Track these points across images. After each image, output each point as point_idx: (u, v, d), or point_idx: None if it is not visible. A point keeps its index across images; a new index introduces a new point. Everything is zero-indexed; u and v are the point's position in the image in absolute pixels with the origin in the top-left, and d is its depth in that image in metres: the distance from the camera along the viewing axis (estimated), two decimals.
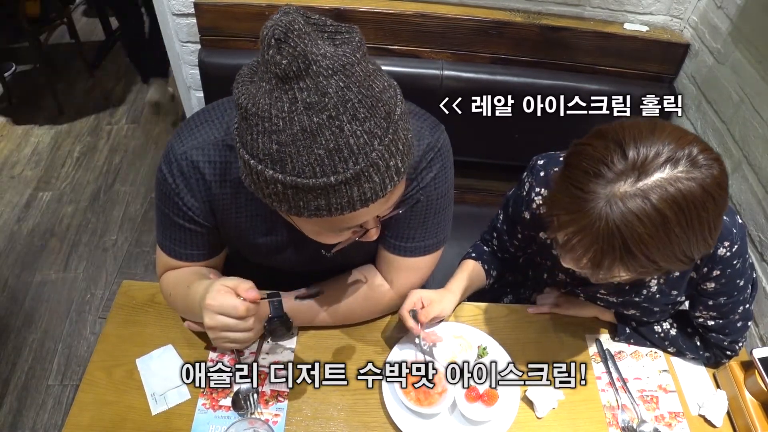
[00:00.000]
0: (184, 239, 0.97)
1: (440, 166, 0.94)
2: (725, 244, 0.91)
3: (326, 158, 0.63)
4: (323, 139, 0.62)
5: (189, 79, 1.97)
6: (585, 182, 0.72)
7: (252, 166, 0.68)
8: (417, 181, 0.94)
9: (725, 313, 1.00)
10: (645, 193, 0.68)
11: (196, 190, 0.90)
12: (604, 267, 0.74)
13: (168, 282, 1.03)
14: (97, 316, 2.11)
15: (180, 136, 0.90)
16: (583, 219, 0.72)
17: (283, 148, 0.64)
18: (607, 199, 0.70)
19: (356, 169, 0.64)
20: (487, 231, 1.24)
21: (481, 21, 1.64)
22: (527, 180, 1.06)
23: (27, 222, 2.46)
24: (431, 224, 0.99)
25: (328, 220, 0.71)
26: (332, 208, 0.68)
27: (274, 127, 0.63)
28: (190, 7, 1.68)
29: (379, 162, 0.66)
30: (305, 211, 0.68)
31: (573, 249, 0.76)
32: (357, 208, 0.68)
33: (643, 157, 0.70)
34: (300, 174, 0.64)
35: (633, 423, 1.00)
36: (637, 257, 0.72)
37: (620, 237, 0.70)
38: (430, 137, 0.92)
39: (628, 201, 0.69)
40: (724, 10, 1.51)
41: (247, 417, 0.94)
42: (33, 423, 1.80)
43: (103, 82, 3.24)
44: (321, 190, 0.65)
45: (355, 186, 0.66)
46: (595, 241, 0.72)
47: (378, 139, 0.65)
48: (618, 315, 1.13)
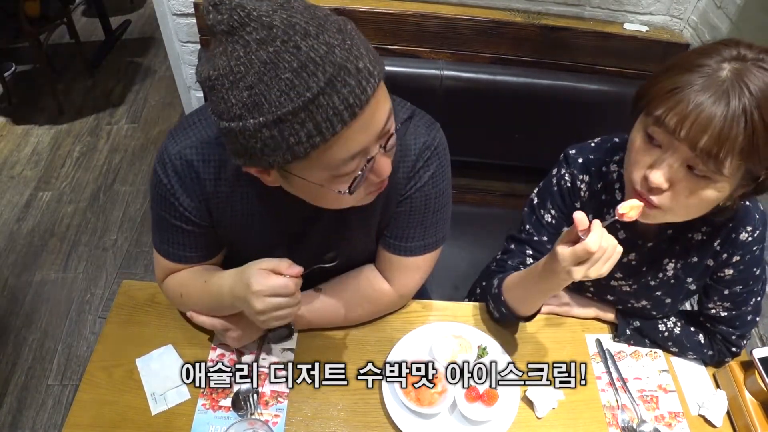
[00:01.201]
0: (183, 241, 0.97)
1: (437, 164, 0.94)
2: (747, 229, 0.92)
3: (295, 79, 0.63)
4: (284, 63, 0.63)
5: (189, 79, 1.97)
6: (698, 59, 0.74)
7: (233, 129, 0.67)
8: (414, 180, 0.94)
9: (739, 303, 1.01)
10: (760, 67, 0.71)
11: (191, 189, 0.90)
12: (724, 149, 0.71)
13: (174, 284, 1.02)
14: (97, 316, 2.11)
15: (173, 136, 0.90)
16: (705, 89, 0.71)
17: (253, 90, 0.64)
18: (728, 69, 0.72)
19: (326, 76, 0.64)
20: (509, 256, 1.12)
21: (481, 21, 1.64)
22: (566, 171, 1.02)
23: (27, 222, 2.46)
24: (430, 223, 0.99)
25: (329, 156, 0.69)
26: (323, 128, 0.66)
27: (238, 76, 0.64)
28: (190, 7, 1.68)
29: (347, 65, 0.65)
30: (299, 147, 0.66)
31: (689, 132, 0.72)
32: (347, 121, 0.66)
33: (746, 51, 0.74)
34: (278, 106, 0.64)
35: (633, 423, 1.00)
36: (761, 134, 0.71)
37: (750, 105, 0.70)
38: (426, 136, 0.93)
39: (750, 70, 0.71)
40: (724, 10, 1.51)
41: (247, 417, 0.94)
42: (33, 423, 1.80)
43: (103, 82, 3.24)
44: (304, 112, 0.64)
45: (334, 94, 0.64)
46: (719, 114, 0.70)
47: (337, 47, 0.65)
48: (621, 313, 1.13)
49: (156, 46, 3.49)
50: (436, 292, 1.40)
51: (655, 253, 1.01)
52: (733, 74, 0.71)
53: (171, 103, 3.09)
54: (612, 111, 1.52)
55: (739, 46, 0.74)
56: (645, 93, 0.79)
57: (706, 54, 0.74)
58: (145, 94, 3.17)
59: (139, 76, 3.30)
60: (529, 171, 1.57)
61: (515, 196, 1.93)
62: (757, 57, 0.73)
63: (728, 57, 0.73)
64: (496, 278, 1.09)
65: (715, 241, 0.96)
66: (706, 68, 0.73)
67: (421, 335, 1.08)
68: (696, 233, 0.96)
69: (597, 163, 1.00)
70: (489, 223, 1.73)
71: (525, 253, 1.10)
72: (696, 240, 0.97)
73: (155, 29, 3.49)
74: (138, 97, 3.11)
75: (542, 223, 1.07)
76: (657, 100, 0.75)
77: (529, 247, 1.10)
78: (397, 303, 1.11)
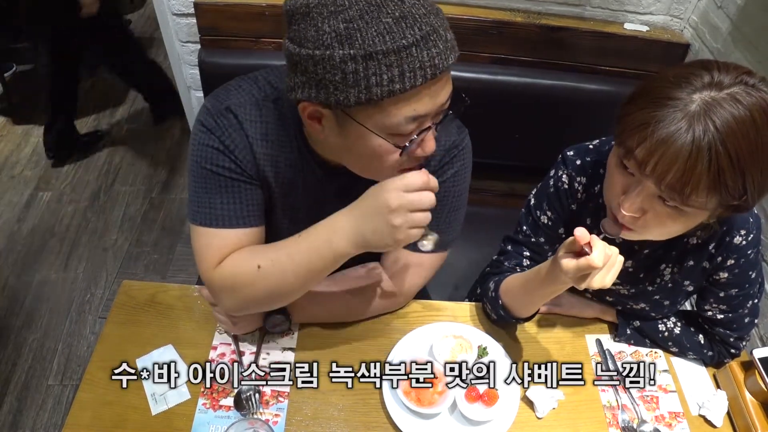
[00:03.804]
0: (240, 198, 0.89)
1: (461, 164, 0.98)
2: (741, 233, 0.93)
3: (394, 25, 0.67)
4: (388, 9, 0.68)
5: (189, 79, 1.97)
6: (670, 91, 0.72)
7: (315, 57, 0.69)
8: (438, 174, 0.96)
9: (735, 306, 1.01)
10: (733, 97, 0.70)
11: (239, 142, 0.87)
12: (688, 186, 0.71)
13: (241, 259, 0.89)
14: (97, 316, 2.11)
15: (217, 96, 0.89)
16: (671, 125, 0.70)
17: (351, 24, 0.67)
18: (698, 102, 0.70)
19: (423, 32, 0.69)
20: (505, 257, 1.12)
21: (481, 21, 1.64)
22: (564, 173, 1.03)
23: (27, 222, 2.46)
24: (443, 222, 1.01)
25: (397, 109, 0.72)
26: (405, 78, 0.69)
27: (340, 8, 0.67)
28: (190, 7, 1.68)
29: (440, 30, 0.71)
30: (377, 89, 0.69)
31: (654, 169, 0.72)
32: (428, 77, 0.70)
33: (722, 76, 0.72)
34: (372, 44, 0.67)
35: (633, 423, 1.00)
36: (727, 170, 0.70)
37: (715, 141, 0.69)
38: (456, 136, 0.97)
39: (719, 104, 0.70)
40: (724, 10, 1.51)
41: (248, 417, 0.94)
42: (33, 423, 1.80)
43: (103, 82, 3.24)
44: (394, 55, 0.68)
45: (425, 49, 0.69)
46: (684, 151, 0.70)
47: (433, 15, 0.71)
48: (621, 313, 1.13)
49: (156, 46, 3.49)
50: (436, 292, 1.40)
51: (652, 260, 1.01)
52: (702, 108, 0.70)
53: None
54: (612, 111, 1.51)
55: (713, 71, 0.73)
56: (618, 121, 0.79)
57: (677, 84, 0.73)
58: None
59: None
60: (529, 171, 1.57)
61: (515, 196, 1.93)
62: (734, 82, 0.71)
63: (700, 86, 0.72)
64: (492, 281, 1.09)
65: (710, 245, 0.96)
66: (677, 102, 0.71)
67: (421, 335, 1.08)
68: (691, 238, 0.96)
69: (594, 165, 1.00)
70: (489, 223, 1.73)
71: (522, 254, 1.10)
72: (691, 244, 0.97)
73: (155, 29, 3.49)
74: (138, 97, 3.10)
75: (539, 224, 1.07)
76: (627, 132, 0.76)
77: (525, 248, 1.10)
78: (398, 301, 1.11)
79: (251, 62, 1.57)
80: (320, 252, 0.83)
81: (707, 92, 0.71)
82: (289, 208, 0.97)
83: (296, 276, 0.86)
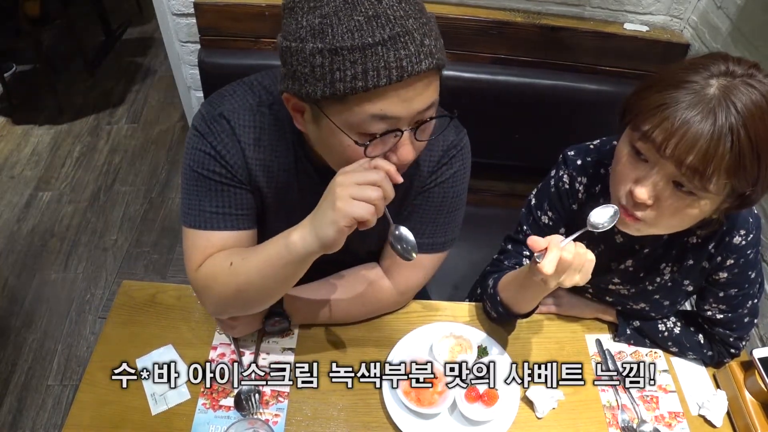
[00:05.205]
0: (229, 202, 0.90)
1: (460, 164, 0.98)
2: (741, 233, 0.93)
3: (365, 23, 0.68)
4: (362, 7, 0.68)
5: (189, 79, 1.98)
6: (686, 75, 0.73)
7: (291, 49, 0.71)
8: (436, 174, 0.96)
9: (735, 306, 1.01)
10: (748, 84, 0.71)
11: (231, 148, 0.89)
12: (710, 167, 0.71)
13: (219, 259, 0.90)
14: (97, 316, 2.11)
15: (210, 102, 0.90)
16: (691, 106, 0.71)
17: (325, 20, 0.68)
18: (716, 86, 0.71)
19: (393, 32, 0.68)
20: (505, 256, 1.13)
21: (481, 21, 1.64)
22: (564, 173, 1.03)
23: (27, 222, 2.46)
24: (442, 222, 1.01)
25: (362, 107, 0.71)
26: (368, 76, 0.68)
27: (318, 3, 0.69)
28: (190, 7, 1.68)
29: (414, 33, 0.69)
30: (340, 84, 0.69)
31: (674, 151, 0.71)
32: (392, 80, 0.69)
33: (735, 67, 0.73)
34: (340, 40, 0.68)
35: (633, 423, 1.00)
36: (747, 153, 0.71)
37: (736, 124, 0.69)
38: (454, 136, 0.97)
39: (737, 88, 0.71)
40: (724, 10, 1.51)
41: (248, 417, 0.94)
42: (33, 423, 1.80)
43: (103, 82, 3.24)
44: (358, 52, 0.68)
45: (392, 50, 0.68)
46: (705, 133, 0.70)
47: (413, 18, 0.70)
48: (621, 313, 1.13)
49: (156, 46, 3.50)
50: (436, 292, 1.40)
51: (652, 259, 1.01)
52: (721, 91, 0.71)
53: (171, 103, 3.08)
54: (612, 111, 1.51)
55: (728, 62, 0.74)
56: (632, 107, 0.79)
57: (694, 69, 0.74)
58: (145, 94, 3.17)
59: (139, 76, 3.30)
60: (529, 171, 1.57)
61: (515, 196, 1.93)
62: (746, 73, 0.72)
63: (716, 73, 0.73)
64: (491, 278, 1.09)
65: (709, 244, 0.96)
66: (694, 85, 0.72)
67: (421, 335, 1.08)
68: (691, 237, 0.96)
69: (595, 165, 1.00)
70: (489, 224, 1.73)
71: (522, 253, 1.11)
72: (691, 243, 0.97)
73: (155, 29, 3.49)
74: (138, 97, 3.11)
75: (539, 224, 1.07)
76: (644, 115, 0.75)
77: (525, 248, 1.10)
78: (397, 301, 1.11)
79: (251, 62, 1.57)
80: (277, 247, 0.83)
81: (723, 79, 0.72)
82: (284, 212, 0.97)
83: (260, 274, 0.85)
